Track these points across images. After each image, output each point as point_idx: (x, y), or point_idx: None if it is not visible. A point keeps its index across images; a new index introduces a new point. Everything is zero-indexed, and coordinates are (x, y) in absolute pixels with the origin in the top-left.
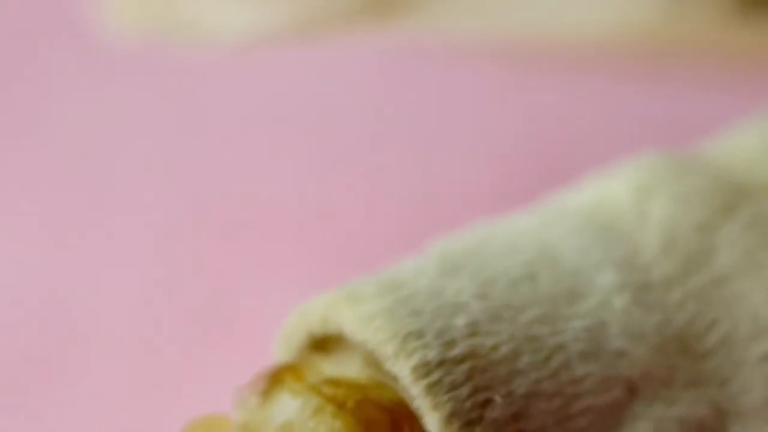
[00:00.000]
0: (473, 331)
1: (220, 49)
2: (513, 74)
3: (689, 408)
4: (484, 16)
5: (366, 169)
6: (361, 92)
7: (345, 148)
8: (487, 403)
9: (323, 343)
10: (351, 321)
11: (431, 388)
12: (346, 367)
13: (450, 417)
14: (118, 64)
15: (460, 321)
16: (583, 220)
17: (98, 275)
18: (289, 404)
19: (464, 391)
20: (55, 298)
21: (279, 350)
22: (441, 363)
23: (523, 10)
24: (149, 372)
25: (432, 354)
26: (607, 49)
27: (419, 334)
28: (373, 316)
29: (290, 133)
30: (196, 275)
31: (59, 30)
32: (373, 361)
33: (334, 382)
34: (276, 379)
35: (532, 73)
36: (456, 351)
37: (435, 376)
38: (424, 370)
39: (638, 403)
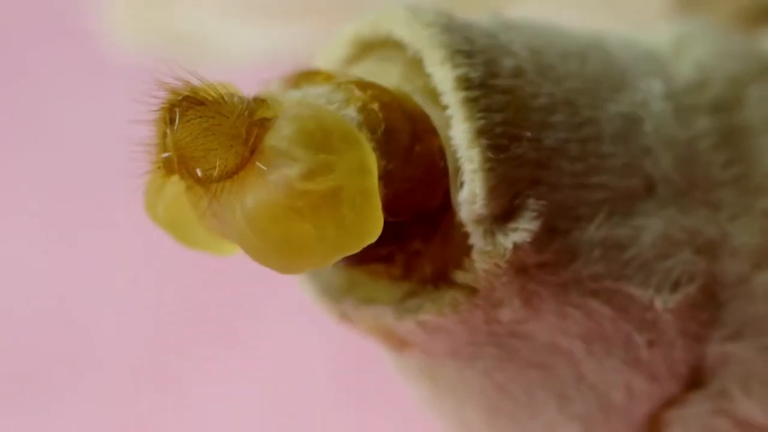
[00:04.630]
0: (518, 74)
1: (221, 68)
2: None
3: (701, 223)
4: None
5: None
6: None
7: None
8: (516, 138)
9: (366, 51)
10: (406, 24)
11: (468, 101)
12: (382, 76)
13: (480, 132)
14: (119, 76)
15: (509, 62)
16: (631, 42)
17: (99, 276)
18: (312, 92)
19: (498, 117)
20: (57, 301)
21: (322, 56)
22: (482, 85)
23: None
24: (150, 372)
25: (477, 74)
26: None
27: (469, 54)
28: (430, 25)
29: None
30: (197, 275)
31: (62, 42)
32: (411, 73)
33: (363, 83)
34: (305, 76)
35: None
36: (498, 81)
37: (474, 93)
38: (466, 83)
39: (653, 202)
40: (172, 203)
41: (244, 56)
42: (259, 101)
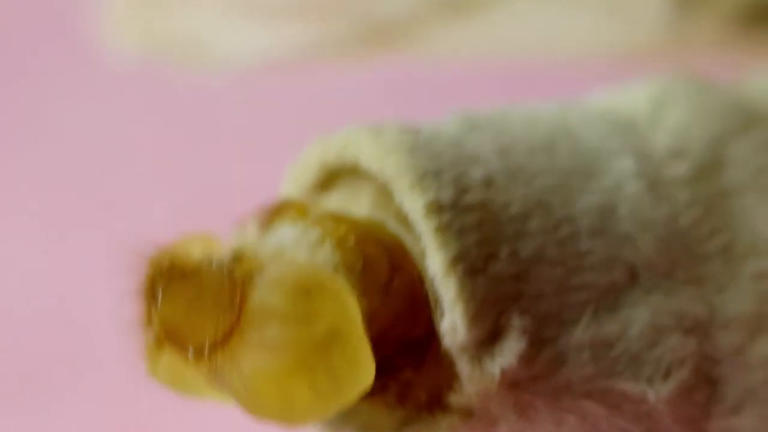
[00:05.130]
0: (488, 184)
1: (222, 72)
2: (515, 98)
3: (687, 303)
4: (486, 41)
5: None
6: (365, 118)
7: None
8: (492, 256)
9: (334, 178)
10: (370, 151)
11: (440, 228)
12: (353, 204)
13: (455, 260)
14: (118, 83)
15: (477, 172)
16: (603, 112)
17: (99, 275)
18: (287, 233)
19: (472, 238)
20: (57, 301)
21: (289, 181)
22: (454, 206)
23: (523, 31)
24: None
25: (446, 195)
26: (610, 65)
27: (436, 174)
28: (393, 149)
29: (293, 158)
30: None
31: (60, 48)
32: (382, 200)
33: (337, 218)
34: (278, 211)
35: (534, 95)
36: (469, 198)
37: (446, 217)
38: (436, 208)
39: (638, 290)
40: (172, 367)
41: (244, 57)
42: (237, 257)
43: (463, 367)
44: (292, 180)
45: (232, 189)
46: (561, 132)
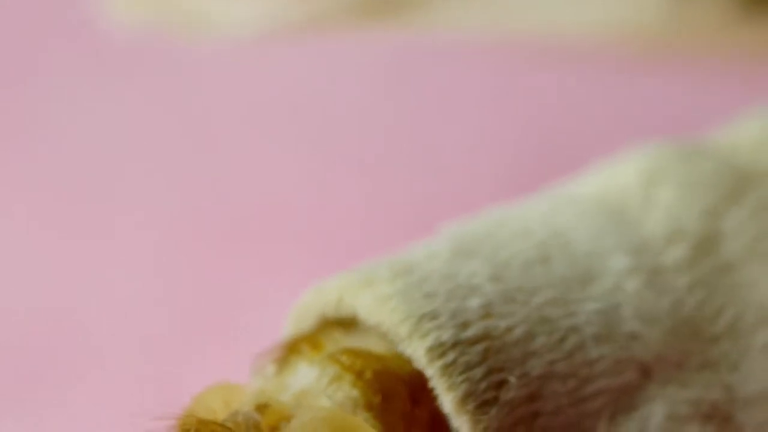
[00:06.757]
0: (487, 312)
1: (223, 44)
2: (516, 71)
3: (702, 390)
4: (488, 14)
5: (369, 166)
6: (365, 89)
7: (349, 145)
8: (502, 384)
9: (336, 324)
10: (366, 304)
11: (446, 369)
12: (363, 345)
13: (465, 398)
14: (121, 56)
15: (474, 303)
16: (593, 206)
17: (99, 275)
18: (306, 373)
19: (479, 372)
20: (57, 301)
21: (290, 329)
22: (455, 344)
23: (527, 8)
24: (150, 373)
25: (446, 335)
26: (611, 46)
27: (433, 315)
28: (387, 298)
29: (294, 129)
30: (197, 274)
31: (63, 22)
32: (387, 343)
33: (353, 352)
34: (293, 348)
35: (535, 70)
36: (470, 332)
37: (450, 357)
38: (438, 351)
39: (652, 386)
40: None
41: (245, 29)
42: (262, 407)
43: None
44: (294, 326)
45: (234, 174)
46: (553, 240)
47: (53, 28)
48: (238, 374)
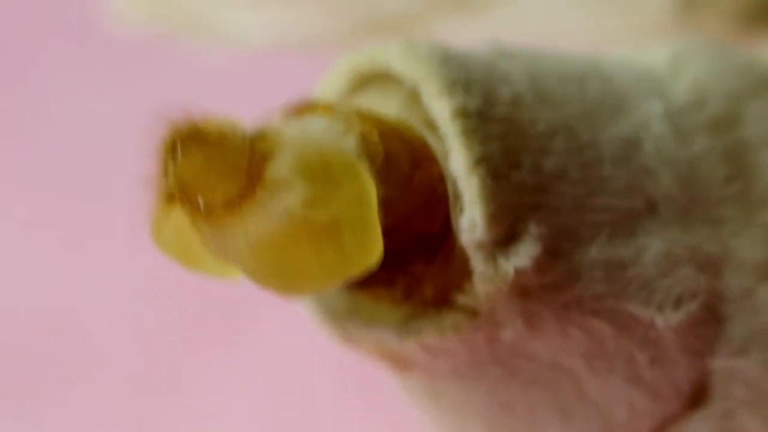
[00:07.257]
0: (516, 101)
1: (228, 51)
2: None
3: (702, 240)
4: (488, 28)
5: None
6: None
7: None
8: (515, 165)
9: (364, 85)
10: (402, 57)
11: (466, 132)
12: (381, 107)
13: (479, 161)
14: (122, 56)
15: (506, 91)
16: (628, 63)
17: (99, 275)
18: (312, 123)
19: (496, 145)
20: (57, 301)
21: (321, 88)
22: (480, 114)
23: (531, 18)
24: (150, 373)
25: (474, 104)
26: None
27: (466, 84)
28: (426, 57)
29: None
30: (199, 277)
31: (63, 22)
32: (410, 104)
33: (363, 114)
34: (306, 108)
35: None
36: (496, 111)
37: (472, 122)
38: (463, 113)
39: (655, 221)
40: (177, 231)
41: (250, 39)
42: (260, 134)
43: (478, 264)
44: (324, 86)
45: None
46: (593, 70)
47: (54, 27)
48: (238, 374)
